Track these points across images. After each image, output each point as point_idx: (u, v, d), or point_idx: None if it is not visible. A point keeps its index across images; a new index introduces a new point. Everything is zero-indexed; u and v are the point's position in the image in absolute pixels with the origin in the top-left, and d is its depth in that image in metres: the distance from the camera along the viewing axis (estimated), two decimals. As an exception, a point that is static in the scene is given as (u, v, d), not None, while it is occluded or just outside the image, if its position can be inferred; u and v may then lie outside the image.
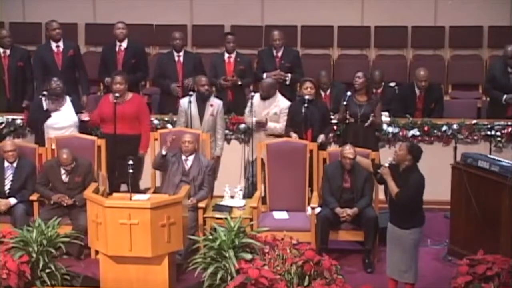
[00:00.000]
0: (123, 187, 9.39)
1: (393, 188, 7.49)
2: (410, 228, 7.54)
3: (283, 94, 9.92)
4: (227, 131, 10.13)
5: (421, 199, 7.61)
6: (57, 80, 9.67)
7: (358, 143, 9.11)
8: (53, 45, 10.58)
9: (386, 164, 7.62)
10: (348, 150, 8.62)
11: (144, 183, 9.74)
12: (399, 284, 7.75)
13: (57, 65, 10.52)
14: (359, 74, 9.62)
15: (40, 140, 9.65)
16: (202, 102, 9.68)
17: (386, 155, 9.50)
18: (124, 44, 10.68)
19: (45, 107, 9.65)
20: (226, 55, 10.65)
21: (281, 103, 9.73)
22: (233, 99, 10.50)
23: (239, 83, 10.47)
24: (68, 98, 9.72)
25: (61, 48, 10.57)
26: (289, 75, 10.58)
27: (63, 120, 9.62)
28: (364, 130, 9.54)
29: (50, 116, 9.61)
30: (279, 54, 10.69)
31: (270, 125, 9.65)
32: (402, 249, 7.60)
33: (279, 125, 9.64)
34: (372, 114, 9.53)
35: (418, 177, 7.54)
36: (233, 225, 7.58)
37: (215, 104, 9.74)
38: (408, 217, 7.54)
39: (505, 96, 10.37)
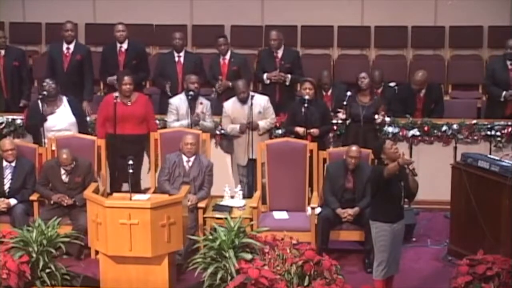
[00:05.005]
0: (125, 186, 9.40)
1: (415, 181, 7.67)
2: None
3: (282, 93, 9.93)
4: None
5: None
6: (50, 81, 9.59)
7: (358, 143, 9.11)
8: (64, 46, 10.57)
9: (411, 167, 7.58)
10: (354, 150, 8.66)
11: (144, 183, 9.73)
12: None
13: (62, 67, 10.51)
14: (364, 74, 9.59)
15: (40, 144, 9.55)
16: (192, 100, 9.76)
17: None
18: (125, 45, 10.66)
19: (41, 110, 9.61)
20: (221, 56, 10.68)
21: (258, 100, 9.73)
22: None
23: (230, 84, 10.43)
24: (64, 99, 9.67)
25: (70, 51, 10.56)
26: (289, 76, 10.56)
27: (60, 122, 9.55)
28: (365, 131, 9.53)
29: (46, 120, 9.54)
30: (279, 54, 10.67)
31: (260, 124, 9.67)
32: (401, 238, 7.68)
33: (269, 120, 9.72)
34: (382, 113, 9.50)
35: None
36: (233, 225, 7.58)
37: (204, 102, 9.88)
38: None
39: (504, 93, 10.29)
